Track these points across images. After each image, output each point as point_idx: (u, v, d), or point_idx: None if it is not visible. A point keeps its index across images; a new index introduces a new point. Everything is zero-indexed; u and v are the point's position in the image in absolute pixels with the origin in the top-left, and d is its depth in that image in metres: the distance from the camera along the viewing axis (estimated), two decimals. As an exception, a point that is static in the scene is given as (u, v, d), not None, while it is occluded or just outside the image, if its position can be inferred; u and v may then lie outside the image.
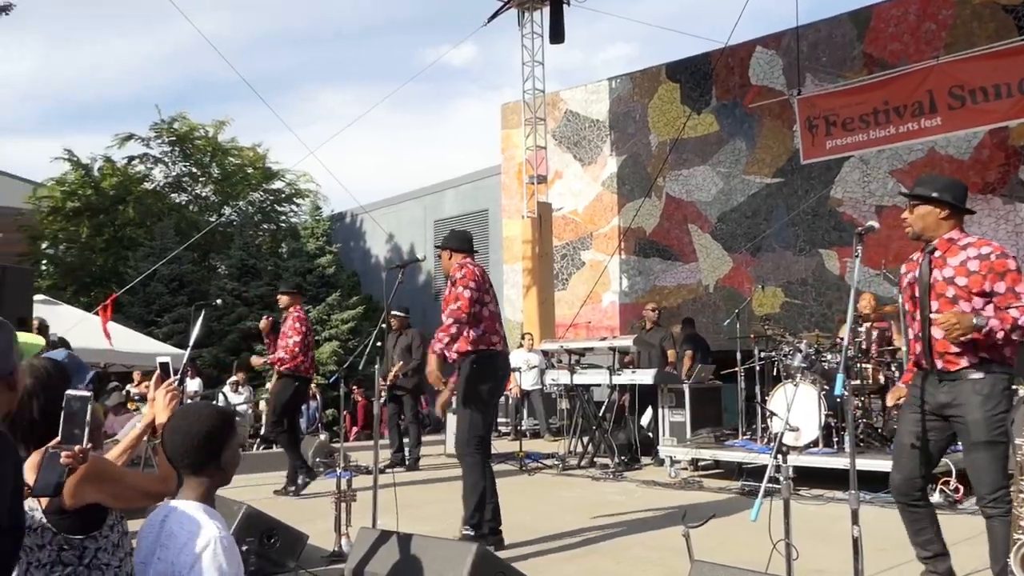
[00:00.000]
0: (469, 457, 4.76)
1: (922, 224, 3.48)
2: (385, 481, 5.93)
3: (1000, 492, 3.30)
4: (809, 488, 6.55)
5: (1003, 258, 3.30)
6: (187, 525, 2.09)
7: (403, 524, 4.50)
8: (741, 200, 12.89)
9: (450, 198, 19.59)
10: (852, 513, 3.15)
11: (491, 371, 4.90)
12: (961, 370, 3.37)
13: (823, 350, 7.35)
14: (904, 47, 11.30)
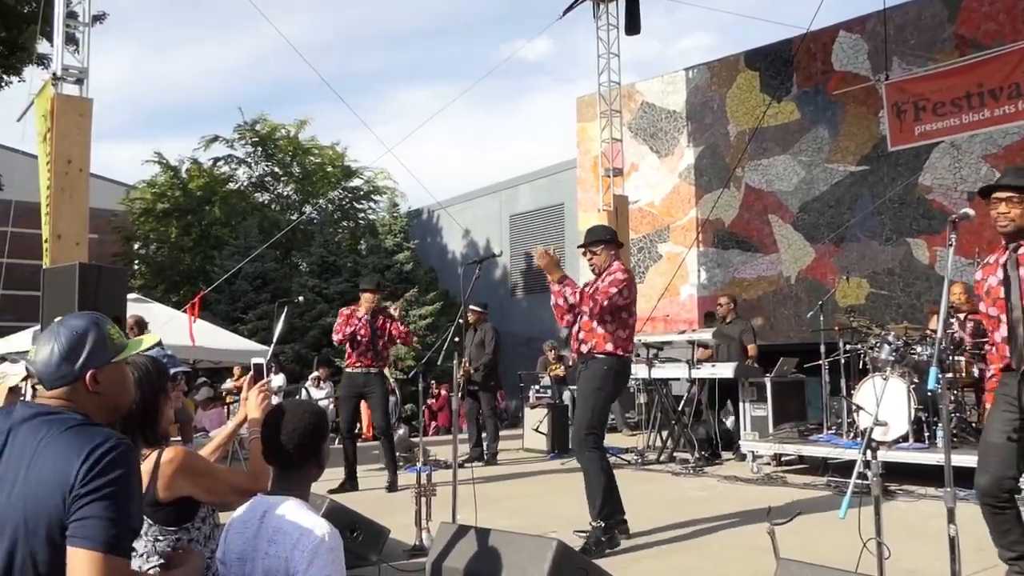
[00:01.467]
0: (589, 452, 4.79)
1: (1013, 216, 3.27)
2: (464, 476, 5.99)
3: None
4: (898, 484, 6.34)
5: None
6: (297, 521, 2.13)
7: (482, 519, 4.53)
8: (824, 189, 12.53)
9: (525, 193, 19.61)
10: (948, 512, 3.04)
11: (624, 378, 5.04)
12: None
13: (912, 342, 7.09)
14: (999, 27, 10.78)
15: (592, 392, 4.83)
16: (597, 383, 4.82)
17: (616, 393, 5.06)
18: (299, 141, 24.42)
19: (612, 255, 5.11)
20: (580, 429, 4.81)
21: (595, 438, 4.81)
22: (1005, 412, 3.36)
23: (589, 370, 4.88)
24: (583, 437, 4.79)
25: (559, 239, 18.20)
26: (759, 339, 12.22)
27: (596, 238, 5.15)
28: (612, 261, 5.07)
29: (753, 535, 4.67)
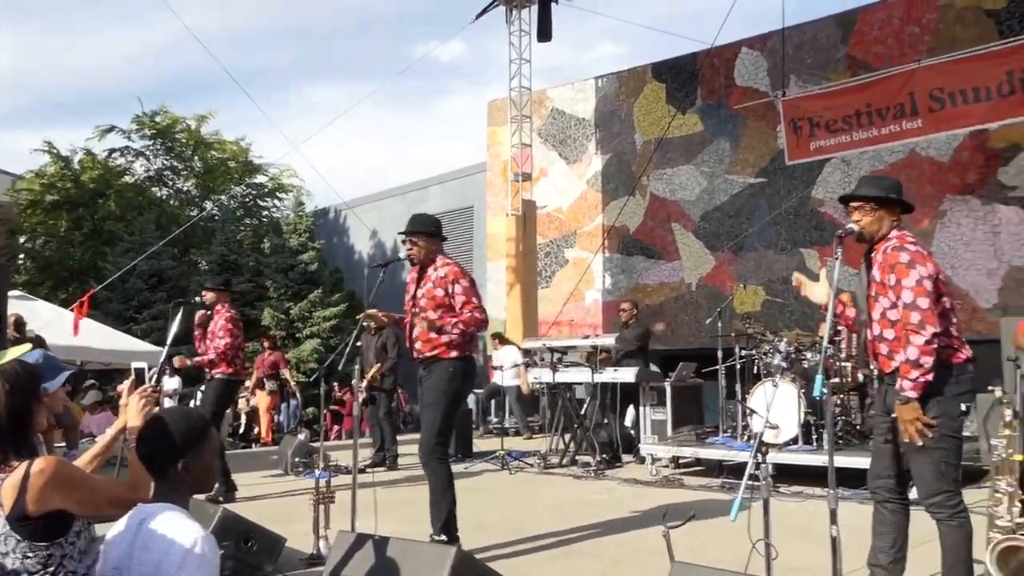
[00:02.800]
0: (436, 464, 4.59)
1: (875, 226, 3.43)
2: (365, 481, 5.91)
3: (937, 497, 3.22)
4: (788, 485, 6.58)
5: (898, 250, 3.25)
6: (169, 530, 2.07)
7: (383, 525, 4.47)
8: (724, 199, 12.93)
9: (435, 194, 19.52)
10: (831, 513, 3.16)
11: (470, 378, 4.81)
12: (894, 370, 3.30)
13: (803, 348, 7.38)
14: (888, 50, 11.36)
15: (439, 398, 4.60)
16: (443, 387, 4.62)
17: (463, 396, 4.82)
18: (201, 135, 23.65)
19: (434, 250, 4.80)
20: (429, 439, 4.56)
21: (443, 448, 4.62)
22: (879, 415, 3.52)
23: (433, 376, 4.65)
24: (432, 447, 4.55)
25: (467, 242, 18.19)
26: (662, 344, 12.54)
27: (418, 228, 4.78)
28: (436, 256, 4.77)
29: (650, 538, 4.76)
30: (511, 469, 8.22)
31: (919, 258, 3.22)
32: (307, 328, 18.97)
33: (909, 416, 3.18)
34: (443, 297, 4.66)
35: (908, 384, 3.16)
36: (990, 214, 10.49)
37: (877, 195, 3.44)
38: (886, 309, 3.32)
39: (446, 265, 4.74)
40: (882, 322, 3.35)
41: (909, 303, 3.18)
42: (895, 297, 3.25)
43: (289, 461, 8.21)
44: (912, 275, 3.18)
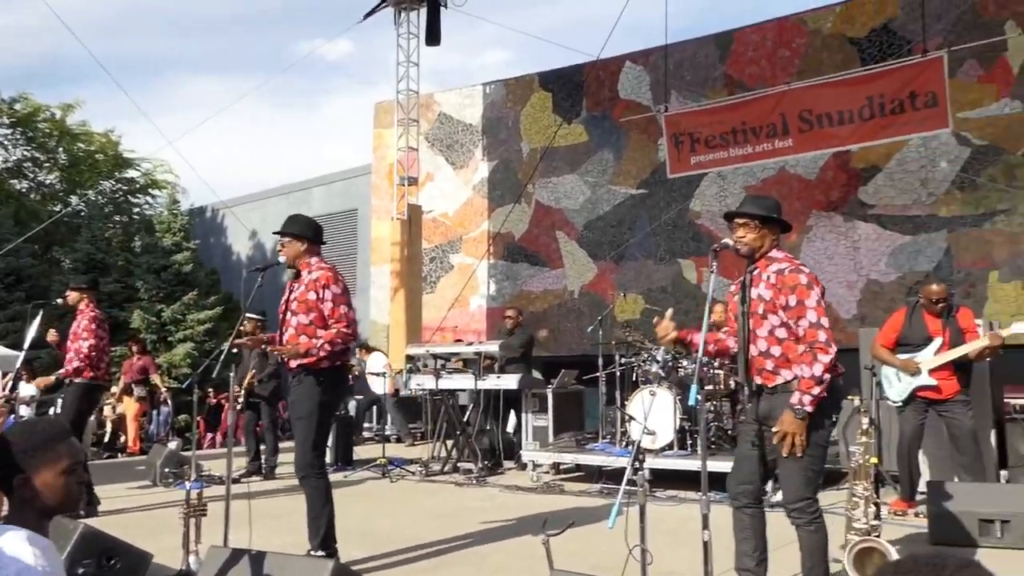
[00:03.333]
0: (314, 479, 4.45)
1: (759, 243, 3.57)
2: (240, 492, 5.71)
3: (801, 503, 3.38)
4: (664, 489, 6.78)
5: (795, 273, 3.40)
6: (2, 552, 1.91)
7: (258, 538, 4.33)
8: (607, 209, 13.22)
9: (318, 195, 19.14)
10: (703, 517, 3.27)
11: (341, 387, 4.68)
12: (778, 385, 3.46)
13: (680, 356, 7.62)
14: (761, 71, 11.91)
15: (311, 410, 4.44)
16: (316, 399, 4.44)
17: (335, 407, 4.68)
18: (66, 125, 22.35)
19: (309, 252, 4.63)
20: (304, 452, 4.41)
21: (320, 460, 4.50)
22: (747, 424, 3.66)
23: (303, 385, 4.47)
24: (308, 461, 4.41)
25: (351, 245, 17.92)
26: (544, 351, 12.68)
27: (293, 229, 4.64)
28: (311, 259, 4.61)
29: (531, 545, 4.80)
30: (392, 477, 8.14)
31: (814, 280, 3.39)
32: (180, 331, 18.22)
33: (798, 430, 3.30)
34: (315, 301, 4.51)
35: (808, 399, 3.28)
36: (851, 230, 11.15)
37: (761, 214, 3.58)
38: (775, 327, 3.44)
39: (320, 269, 4.59)
40: (770, 339, 3.47)
41: (815, 322, 3.31)
42: (794, 317, 3.37)
43: (158, 471, 7.85)
44: (813, 296, 3.33)
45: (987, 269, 10.13)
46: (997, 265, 10.08)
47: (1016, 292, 9.86)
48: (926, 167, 10.64)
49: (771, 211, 3.61)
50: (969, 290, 10.15)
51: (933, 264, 10.42)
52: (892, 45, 10.82)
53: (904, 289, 10.54)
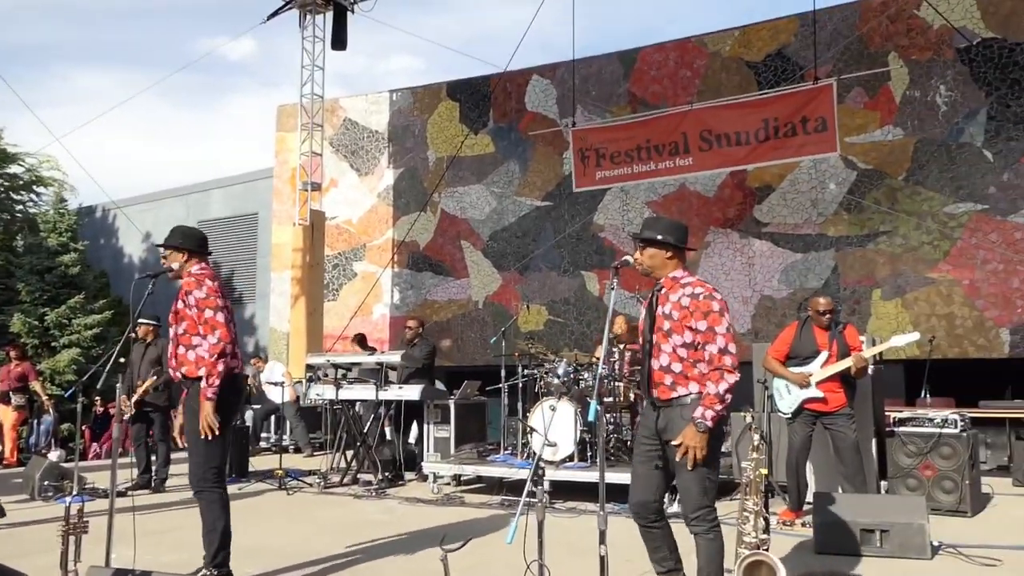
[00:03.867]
0: (209, 492, 4.28)
1: (651, 263, 3.68)
2: (125, 506, 5.47)
3: (700, 512, 3.47)
4: (564, 501, 6.83)
5: (709, 299, 3.53)
6: None
7: (143, 555, 4.16)
8: (512, 220, 13.31)
9: (217, 198, 18.58)
10: (600, 533, 3.31)
11: (236, 396, 4.50)
12: (672, 399, 3.56)
13: (581, 368, 7.72)
14: (664, 90, 12.24)
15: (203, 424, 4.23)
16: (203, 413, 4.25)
17: (232, 416, 4.52)
18: (-58, 116, 21.02)
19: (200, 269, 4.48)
20: (200, 465, 4.24)
21: (217, 473, 4.32)
22: (642, 439, 3.73)
23: (197, 397, 4.29)
24: (204, 473, 4.24)
25: (251, 251, 17.46)
26: (448, 361, 12.65)
27: (176, 240, 4.51)
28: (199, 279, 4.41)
29: (429, 559, 4.75)
30: (289, 489, 7.93)
31: (725, 307, 3.54)
32: (65, 336, 17.35)
33: (699, 443, 3.40)
34: (183, 309, 4.38)
35: (711, 415, 3.39)
36: (746, 247, 11.55)
37: (657, 238, 3.67)
38: (678, 346, 3.54)
39: (190, 275, 4.43)
40: (672, 356, 3.57)
41: (723, 348, 3.45)
42: (702, 341, 3.49)
43: (36, 484, 7.43)
44: (724, 323, 3.48)
45: (871, 287, 10.67)
46: (879, 284, 10.62)
47: (896, 309, 10.41)
48: (816, 188, 11.14)
49: (670, 232, 3.70)
50: (854, 307, 10.65)
51: (822, 281, 10.90)
52: (786, 70, 11.29)
53: (795, 305, 10.99)
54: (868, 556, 4.88)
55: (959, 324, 10.07)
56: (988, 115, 10.14)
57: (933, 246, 10.33)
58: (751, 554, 3.60)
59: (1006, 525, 6.01)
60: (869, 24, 10.85)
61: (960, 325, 10.07)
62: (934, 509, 5.93)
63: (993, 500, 6.96)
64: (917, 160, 10.50)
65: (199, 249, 4.58)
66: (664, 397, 3.58)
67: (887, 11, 10.85)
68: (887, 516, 4.99)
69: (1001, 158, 10.02)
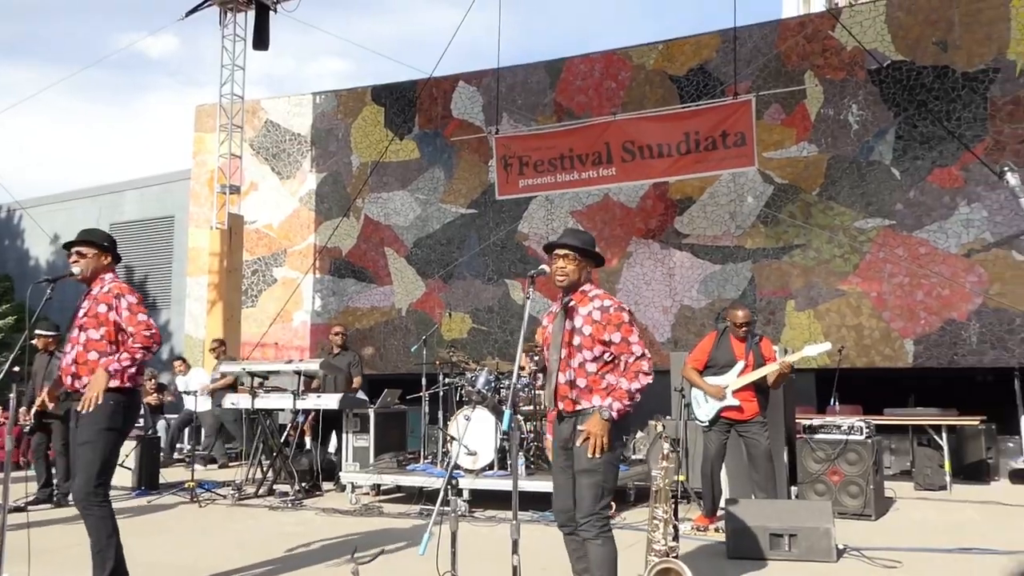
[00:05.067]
0: (97, 507, 4.10)
1: (562, 276, 3.73)
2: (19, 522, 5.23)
3: (590, 518, 3.54)
4: (484, 510, 6.81)
5: (619, 311, 3.63)
6: None
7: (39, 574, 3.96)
8: (437, 227, 13.24)
9: (132, 200, 17.97)
10: (512, 543, 3.29)
11: (134, 413, 4.38)
12: (576, 411, 3.65)
13: (503, 377, 7.71)
14: (589, 100, 12.36)
15: (98, 435, 4.10)
16: (104, 423, 4.11)
17: (126, 434, 4.37)
18: None
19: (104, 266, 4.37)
20: (87, 480, 4.07)
21: (104, 489, 4.16)
22: (557, 451, 3.76)
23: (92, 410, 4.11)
24: (91, 490, 4.07)
25: (166, 255, 16.94)
26: (370, 369, 12.48)
27: (86, 239, 4.38)
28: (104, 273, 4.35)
29: (342, 572, 4.66)
30: (201, 501, 7.70)
31: (633, 317, 3.62)
32: (-36, 342, 16.51)
33: (602, 431, 3.49)
34: (106, 313, 4.22)
35: (617, 407, 3.50)
36: (667, 257, 11.74)
37: (579, 246, 3.74)
38: (587, 361, 3.62)
39: (113, 282, 4.33)
40: (579, 370, 3.63)
41: (639, 355, 3.55)
42: (615, 352, 3.58)
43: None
44: (635, 331, 3.59)
45: (785, 298, 10.97)
46: (793, 295, 10.92)
47: (809, 320, 10.72)
48: (735, 201, 11.40)
49: (588, 245, 3.76)
50: (769, 317, 10.94)
51: (739, 292, 11.15)
52: (707, 85, 11.54)
53: (713, 315, 11.22)
54: (777, 560, 4.99)
55: (867, 335, 10.43)
56: (896, 135, 10.55)
57: (844, 259, 10.68)
58: (660, 561, 3.64)
59: (907, 528, 6.24)
60: (787, 43, 11.18)
61: (868, 336, 10.43)
62: (840, 513, 6.12)
63: (896, 504, 7.22)
64: (830, 176, 10.85)
65: (116, 253, 4.47)
66: (569, 410, 3.66)
67: (804, 31, 11.21)
68: (795, 521, 5.12)
69: (908, 176, 10.43)
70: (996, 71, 10.01)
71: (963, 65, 10.18)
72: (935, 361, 10.06)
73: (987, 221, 9.91)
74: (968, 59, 10.17)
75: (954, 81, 10.21)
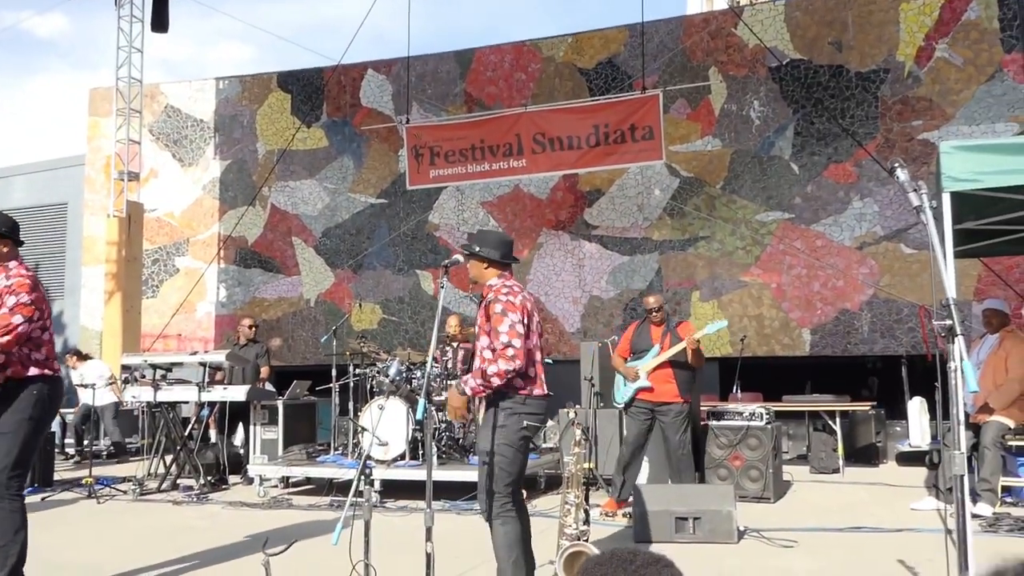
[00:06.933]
0: (8, 500, 3.94)
1: (475, 273, 3.99)
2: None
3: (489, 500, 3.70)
4: (396, 500, 6.79)
5: (494, 303, 3.79)
6: None
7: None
8: (346, 217, 13.06)
9: (20, 186, 17.07)
10: (427, 530, 3.31)
11: (57, 402, 4.25)
12: None
13: (414, 367, 7.69)
14: (499, 91, 12.40)
15: (19, 425, 3.98)
16: (28, 413, 3.99)
17: (48, 423, 4.28)
18: None
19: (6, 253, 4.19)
20: (3, 471, 3.93)
21: (20, 482, 4.03)
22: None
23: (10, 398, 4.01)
24: (6, 481, 3.93)
25: (59, 243, 16.18)
26: (278, 360, 12.25)
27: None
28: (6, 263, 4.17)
29: (252, 565, 4.58)
30: (100, 498, 7.41)
31: (510, 307, 3.77)
32: None
33: (457, 403, 3.85)
34: None
35: (472, 384, 3.74)
36: (577, 248, 11.91)
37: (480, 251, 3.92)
38: (483, 348, 3.83)
39: (20, 276, 4.10)
40: (481, 357, 3.83)
41: (507, 343, 3.68)
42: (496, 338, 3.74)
43: None
44: (506, 321, 3.72)
45: (690, 289, 11.28)
46: (698, 286, 11.25)
47: (713, 310, 11.06)
48: (642, 194, 11.65)
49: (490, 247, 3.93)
50: (675, 307, 11.22)
51: (646, 283, 11.41)
52: (616, 79, 11.74)
53: (622, 305, 11.45)
54: (681, 542, 5.16)
55: (767, 324, 10.84)
56: (795, 131, 10.97)
57: (746, 251, 11.05)
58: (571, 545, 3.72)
59: (804, 510, 6.54)
60: (692, 39, 11.47)
61: (768, 325, 10.84)
62: (741, 496, 6.36)
63: (793, 487, 7.55)
64: (733, 170, 11.20)
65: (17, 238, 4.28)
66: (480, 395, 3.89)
67: (708, 27, 11.52)
68: (699, 504, 5.30)
69: (806, 171, 10.87)
70: (886, 71, 10.52)
71: (856, 65, 10.66)
72: (830, 349, 10.54)
73: (878, 215, 10.43)
74: (861, 59, 10.66)
75: (848, 80, 10.68)
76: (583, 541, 3.76)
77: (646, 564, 1.27)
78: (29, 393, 4.00)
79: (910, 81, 10.40)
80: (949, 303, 2.95)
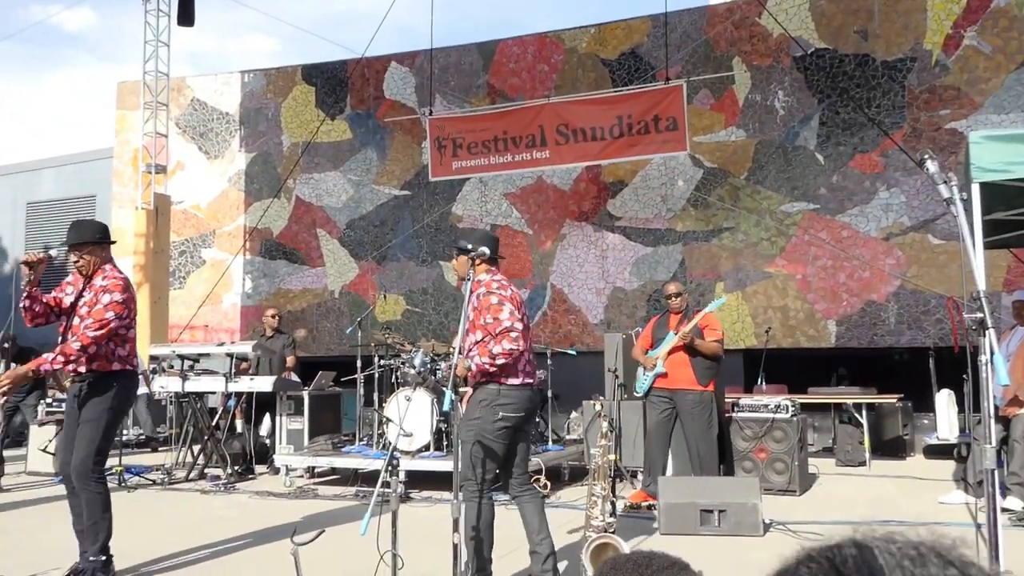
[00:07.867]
0: (94, 483, 4.31)
1: (461, 269, 4.13)
2: None
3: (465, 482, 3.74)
4: (420, 491, 6.84)
5: (487, 296, 3.93)
6: None
7: None
8: (370, 209, 13.12)
9: (49, 179, 17.31)
10: (453, 521, 3.34)
11: (132, 392, 4.68)
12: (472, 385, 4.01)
13: (438, 358, 7.72)
14: (522, 83, 12.38)
15: (101, 413, 4.35)
16: (109, 403, 4.37)
17: (126, 412, 4.73)
18: None
19: (103, 257, 4.55)
20: (87, 457, 4.29)
21: (102, 467, 4.41)
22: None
23: (95, 389, 4.39)
24: (91, 466, 4.30)
25: (88, 235, 16.35)
26: (303, 351, 12.35)
27: (82, 239, 4.48)
28: (103, 265, 4.52)
29: (280, 553, 4.64)
30: (129, 487, 7.53)
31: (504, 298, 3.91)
32: None
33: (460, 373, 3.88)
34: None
35: (479, 361, 3.81)
36: (600, 240, 11.88)
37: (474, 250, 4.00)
38: (473, 343, 3.95)
39: (114, 278, 4.47)
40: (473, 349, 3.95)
41: (508, 327, 3.81)
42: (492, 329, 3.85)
43: None
44: (504, 310, 3.85)
45: (714, 280, 11.23)
46: (722, 277, 11.19)
47: (737, 301, 11.01)
48: (666, 185, 11.59)
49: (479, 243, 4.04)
50: (699, 299, 11.17)
51: (670, 274, 11.36)
52: (639, 69, 11.68)
53: (646, 297, 11.42)
54: (707, 535, 5.16)
55: (792, 316, 10.77)
56: (820, 120, 10.86)
57: (770, 242, 10.98)
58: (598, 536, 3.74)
59: (829, 502, 6.51)
60: (716, 29, 11.38)
61: (793, 317, 10.77)
62: (767, 489, 6.34)
63: (819, 479, 7.52)
64: (757, 161, 11.12)
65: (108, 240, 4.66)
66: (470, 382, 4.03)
67: (732, 17, 11.42)
68: (724, 497, 5.30)
69: (831, 161, 10.76)
70: (913, 60, 10.39)
71: (883, 54, 10.54)
72: (856, 341, 10.45)
73: (905, 206, 10.31)
74: (887, 48, 10.53)
75: (874, 69, 10.55)
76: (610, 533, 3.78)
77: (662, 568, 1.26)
78: (111, 386, 4.39)
79: (937, 70, 10.26)
80: (980, 296, 2.93)
